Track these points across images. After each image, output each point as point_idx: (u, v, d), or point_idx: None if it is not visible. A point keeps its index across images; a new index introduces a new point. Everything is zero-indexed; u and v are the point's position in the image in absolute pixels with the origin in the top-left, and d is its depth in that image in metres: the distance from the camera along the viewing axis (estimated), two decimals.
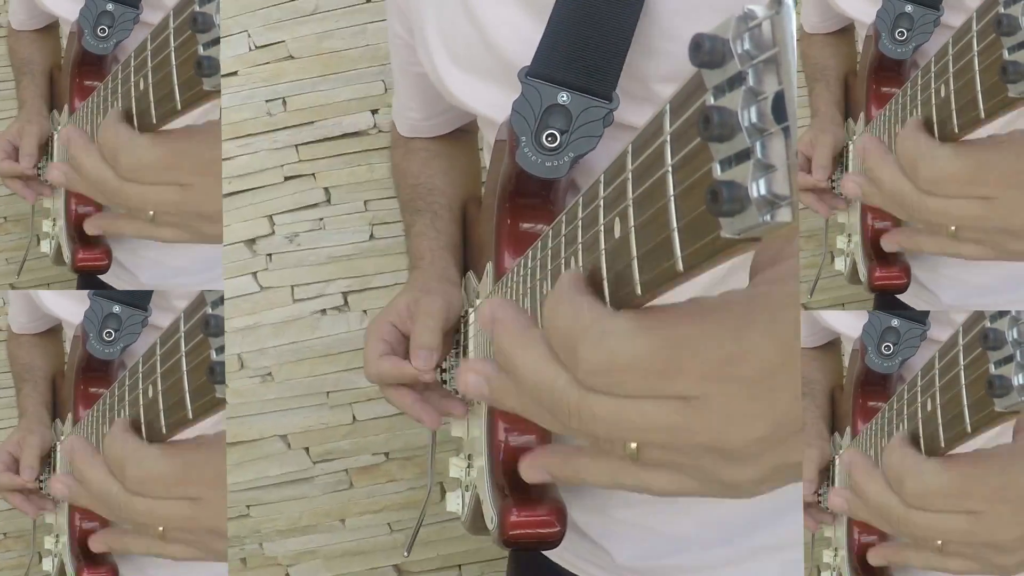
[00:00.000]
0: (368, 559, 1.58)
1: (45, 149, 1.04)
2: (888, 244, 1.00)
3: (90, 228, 0.98)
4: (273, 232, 1.52)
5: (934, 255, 0.98)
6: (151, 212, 0.86)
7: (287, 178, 1.51)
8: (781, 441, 0.51)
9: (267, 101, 1.50)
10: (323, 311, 1.52)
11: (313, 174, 1.50)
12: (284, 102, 1.50)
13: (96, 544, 0.94)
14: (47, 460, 1.02)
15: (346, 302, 1.51)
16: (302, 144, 1.50)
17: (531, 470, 0.65)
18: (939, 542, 0.85)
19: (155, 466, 0.81)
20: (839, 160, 1.05)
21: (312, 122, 1.49)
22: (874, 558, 0.99)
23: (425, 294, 0.88)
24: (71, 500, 0.91)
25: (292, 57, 1.50)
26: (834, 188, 1.05)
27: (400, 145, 1.05)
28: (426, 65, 0.88)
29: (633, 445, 0.53)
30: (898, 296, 1.03)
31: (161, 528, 0.82)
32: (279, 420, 1.54)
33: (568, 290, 0.52)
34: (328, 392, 1.52)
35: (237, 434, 1.55)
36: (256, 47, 1.50)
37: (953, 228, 0.82)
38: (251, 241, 1.53)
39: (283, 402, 1.54)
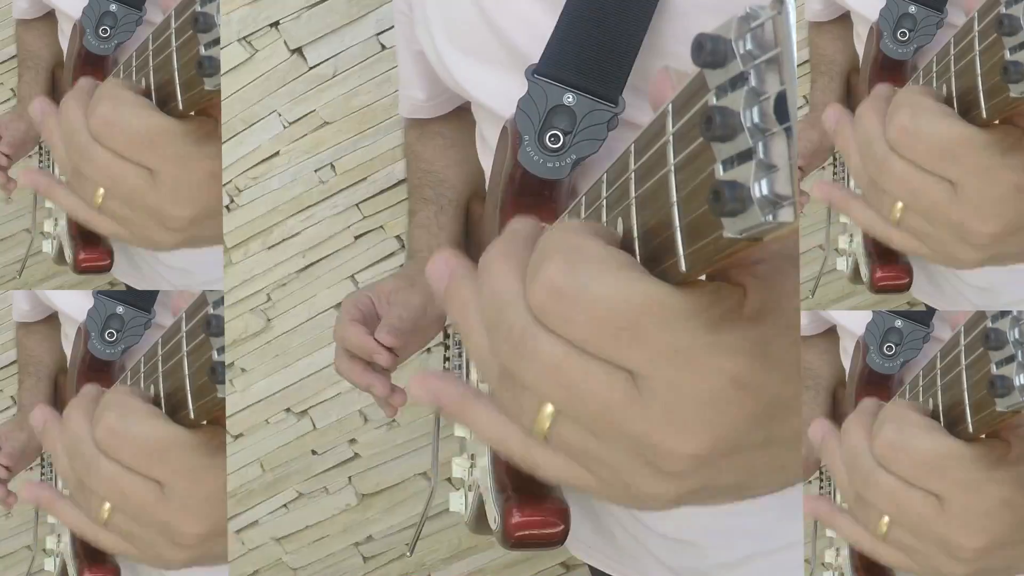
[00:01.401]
0: (533, 563, 1.64)
1: (35, 145, 1.04)
2: (818, 191, 0.94)
3: (23, 179, 0.92)
4: (357, 291, 1.56)
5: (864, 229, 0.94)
6: (101, 192, 0.80)
7: (357, 237, 1.55)
8: (714, 462, 0.46)
9: (316, 171, 1.54)
10: (428, 350, 1.57)
11: (382, 226, 1.54)
12: (333, 167, 1.54)
13: (29, 492, 0.86)
14: (37, 458, 1.02)
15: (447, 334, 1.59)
16: (362, 202, 1.54)
17: (420, 389, 0.55)
18: (884, 525, 0.79)
19: (135, 425, 0.76)
20: (839, 156, 1.05)
21: (365, 178, 1.53)
22: (808, 505, 0.92)
23: (409, 286, 0.89)
24: (42, 434, 0.87)
25: (327, 123, 1.53)
26: (835, 176, 1.05)
27: (415, 125, 1.04)
28: (424, 43, 0.87)
29: (548, 410, 0.47)
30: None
31: (107, 507, 0.77)
32: (414, 460, 1.60)
33: (581, 223, 0.47)
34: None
35: (379, 483, 1.63)
36: (289, 123, 1.53)
37: (899, 210, 0.79)
38: (339, 305, 1.56)
39: (413, 443, 1.60)
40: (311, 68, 1.50)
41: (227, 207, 1.57)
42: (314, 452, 1.64)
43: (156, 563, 0.79)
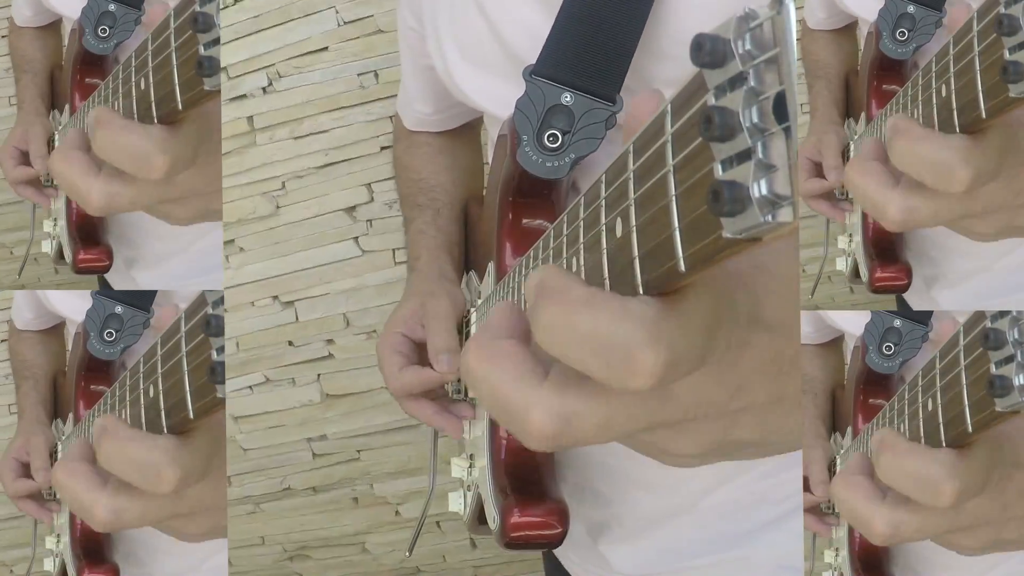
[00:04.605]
0: None
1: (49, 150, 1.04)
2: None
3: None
4: (372, 199, 1.61)
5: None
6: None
7: (383, 148, 1.57)
8: (728, 411, 0.49)
9: (359, 75, 1.56)
10: None
11: None
12: (376, 75, 1.56)
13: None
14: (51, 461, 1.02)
15: None
16: (396, 115, 1.55)
17: None
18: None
19: (187, 460, 0.76)
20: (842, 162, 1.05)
21: None
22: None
23: (429, 297, 0.88)
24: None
25: (381, 31, 1.54)
26: (834, 192, 1.05)
27: (403, 138, 1.04)
28: (434, 57, 0.88)
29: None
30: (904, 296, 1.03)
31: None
32: None
33: (588, 291, 0.48)
34: None
35: (346, 387, 1.66)
36: (345, 23, 1.54)
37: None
38: (351, 209, 1.62)
39: None
40: None
41: (264, 89, 1.58)
42: (290, 343, 1.67)
43: (181, 537, 0.81)
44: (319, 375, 1.66)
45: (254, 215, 1.63)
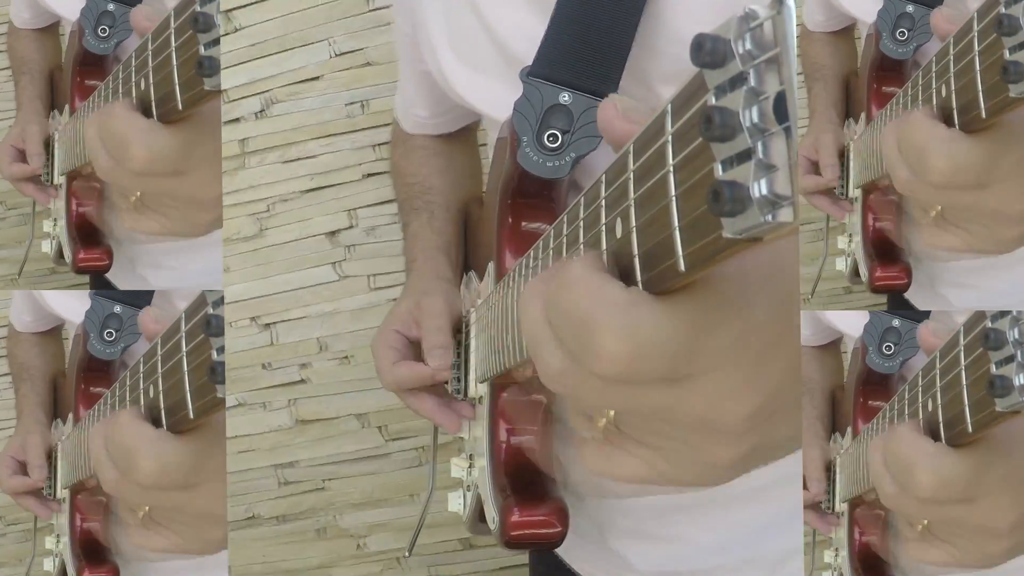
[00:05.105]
0: (437, 532, 1.66)
1: (47, 149, 1.04)
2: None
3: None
4: (353, 225, 1.64)
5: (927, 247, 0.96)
6: (136, 196, 0.85)
7: (366, 175, 1.61)
8: (767, 419, 0.50)
9: (347, 104, 1.61)
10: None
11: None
12: (363, 105, 1.60)
13: None
14: (49, 461, 1.02)
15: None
16: (380, 144, 1.58)
17: None
18: (923, 523, 0.83)
19: (168, 457, 0.78)
20: (841, 161, 1.05)
21: (389, 124, 1.60)
22: None
23: (424, 296, 0.88)
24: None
25: (371, 64, 1.59)
26: (834, 190, 1.05)
27: (400, 144, 1.05)
28: (430, 62, 0.88)
29: (612, 412, 0.52)
30: (905, 297, 1.03)
31: (142, 514, 0.80)
32: (356, 400, 1.64)
33: (585, 271, 0.49)
34: None
35: (316, 412, 1.67)
36: (337, 54, 1.61)
37: (937, 212, 0.81)
38: (332, 233, 1.65)
39: (360, 383, 1.63)
40: (372, 10, 1.57)
41: (256, 114, 1.62)
42: (264, 366, 1.67)
43: (205, 550, 0.83)
44: (290, 400, 1.67)
45: (239, 235, 1.65)
